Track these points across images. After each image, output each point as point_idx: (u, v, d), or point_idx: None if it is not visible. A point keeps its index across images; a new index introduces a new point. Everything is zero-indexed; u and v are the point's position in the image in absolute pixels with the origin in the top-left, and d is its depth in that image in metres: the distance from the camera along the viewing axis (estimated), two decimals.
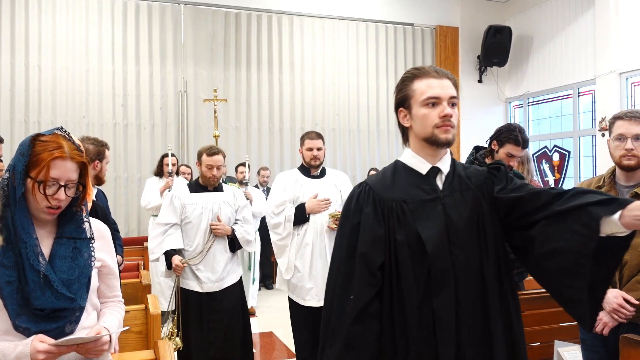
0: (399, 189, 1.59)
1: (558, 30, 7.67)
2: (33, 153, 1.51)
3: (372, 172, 7.49)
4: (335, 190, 3.60)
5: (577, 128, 7.55)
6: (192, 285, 3.45)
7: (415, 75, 1.60)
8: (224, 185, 3.71)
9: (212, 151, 3.51)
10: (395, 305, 1.52)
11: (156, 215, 5.40)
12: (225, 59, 7.49)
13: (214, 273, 3.45)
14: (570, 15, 7.49)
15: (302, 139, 3.69)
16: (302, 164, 3.70)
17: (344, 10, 8.02)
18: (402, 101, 1.62)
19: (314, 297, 3.41)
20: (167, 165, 5.37)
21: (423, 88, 1.56)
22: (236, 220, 3.60)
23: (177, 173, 5.81)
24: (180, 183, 5.59)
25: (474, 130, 8.23)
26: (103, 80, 6.94)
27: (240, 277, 3.67)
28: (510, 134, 2.94)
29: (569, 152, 7.67)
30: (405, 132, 1.65)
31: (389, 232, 1.54)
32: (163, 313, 5.17)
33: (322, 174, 3.67)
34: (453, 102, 1.57)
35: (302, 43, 7.87)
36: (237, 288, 3.60)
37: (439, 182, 1.60)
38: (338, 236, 1.63)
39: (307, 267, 3.44)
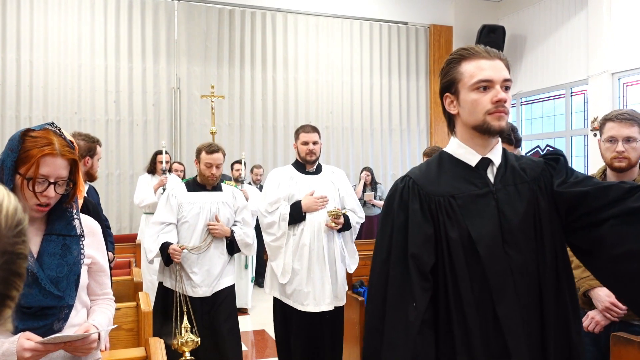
0: (445, 183, 1.43)
1: (551, 30, 7.69)
2: (23, 149, 1.48)
3: (365, 172, 7.49)
4: (332, 187, 3.43)
5: (570, 128, 7.59)
6: (185, 289, 3.27)
7: (463, 56, 1.44)
8: (223, 185, 3.54)
9: (212, 149, 3.34)
10: (453, 313, 1.36)
11: (149, 213, 5.41)
12: (218, 56, 7.46)
13: (209, 277, 3.28)
14: (564, 16, 7.51)
15: (297, 132, 3.49)
16: (296, 159, 3.51)
17: (338, 8, 8.01)
18: (448, 85, 1.45)
19: (312, 302, 3.22)
20: (161, 162, 5.31)
21: (472, 70, 1.40)
22: (235, 221, 3.43)
23: (170, 170, 5.77)
24: (173, 180, 5.57)
25: None
26: (95, 76, 6.89)
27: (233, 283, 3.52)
28: (503, 134, 2.94)
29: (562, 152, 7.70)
30: (451, 120, 1.50)
31: (439, 230, 1.39)
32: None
33: (318, 170, 3.48)
34: (507, 85, 1.41)
35: (296, 41, 7.85)
36: (229, 291, 3.44)
37: (490, 175, 1.44)
38: (379, 237, 1.46)
39: (305, 269, 3.24)
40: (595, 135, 6.72)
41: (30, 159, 1.47)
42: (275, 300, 3.39)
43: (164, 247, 3.21)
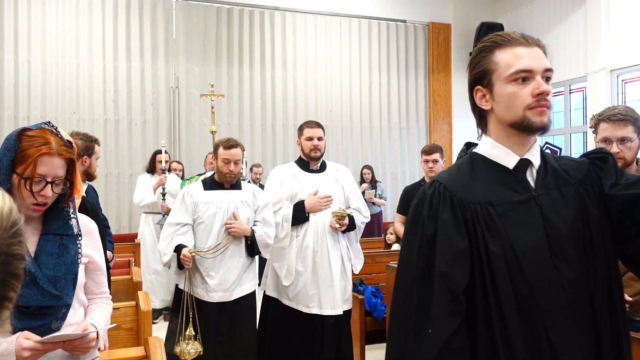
0: (480, 188, 1.25)
1: (549, 27, 7.69)
2: (19, 148, 1.48)
3: (366, 170, 7.49)
4: (337, 186, 3.29)
5: (569, 125, 7.59)
6: (200, 293, 3.02)
7: (497, 43, 1.26)
8: (242, 182, 3.28)
9: (230, 144, 3.12)
10: (498, 340, 1.17)
11: (149, 213, 5.40)
12: (217, 55, 7.45)
13: (226, 281, 3.03)
14: (562, 13, 7.51)
15: (301, 128, 3.34)
16: (299, 157, 3.35)
17: (337, 6, 8.00)
18: (480, 77, 1.28)
19: (317, 305, 3.11)
20: (160, 162, 5.30)
21: (509, 59, 1.23)
22: (255, 221, 3.18)
23: (170, 170, 5.76)
24: (172, 180, 5.57)
25: (466, 128, 8.25)
26: (94, 75, 6.88)
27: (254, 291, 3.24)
28: None
29: (560, 149, 7.71)
30: (482, 116, 1.32)
31: (475, 243, 1.21)
32: (154, 311, 5.16)
33: (322, 168, 3.34)
34: (547, 75, 1.24)
35: (294, 39, 7.84)
36: (251, 299, 3.16)
37: (530, 178, 1.27)
38: (405, 253, 1.28)
39: (309, 271, 3.12)
40: (594, 132, 6.71)
41: (28, 158, 1.47)
42: (267, 298, 3.29)
43: (178, 250, 2.99)
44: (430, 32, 8.53)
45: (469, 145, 3.35)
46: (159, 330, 5.04)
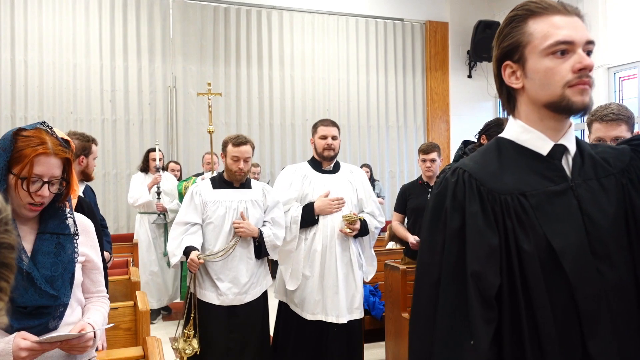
0: (511, 177, 1.09)
1: None
2: (15, 149, 1.48)
3: (365, 169, 7.49)
4: (350, 188, 3.15)
5: None
6: (209, 296, 2.91)
7: (532, 11, 1.09)
8: (252, 181, 3.18)
9: (239, 140, 2.98)
10: (528, 353, 1.02)
11: (144, 213, 5.38)
12: (214, 55, 7.44)
13: (236, 284, 2.92)
14: None
15: (315, 126, 3.21)
16: (312, 156, 3.23)
17: (334, 5, 8.00)
18: (510, 51, 1.12)
19: (322, 312, 2.99)
20: (155, 160, 5.24)
21: (546, 30, 1.07)
22: (264, 222, 3.06)
23: (164, 168, 5.71)
24: (167, 179, 5.53)
25: (463, 126, 8.26)
26: (91, 75, 6.87)
27: (266, 290, 3.13)
28: (499, 129, 2.95)
29: None
30: (511, 96, 1.16)
31: (506, 240, 1.05)
32: (152, 311, 5.15)
33: (336, 168, 3.21)
34: (589, 49, 1.08)
35: (291, 38, 7.83)
36: (262, 302, 3.06)
37: (566, 166, 1.12)
38: (426, 251, 1.11)
39: (317, 276, 3.00)
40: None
41: (24, 158, 1.47)
42: (281, 304, 3.19)
43: (188, 252, 2.88)
44: (428, 31, 8.53)
45: (467, 144, 3.37)
46: (157, 330, 5.04)
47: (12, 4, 6.55)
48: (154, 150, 5.32)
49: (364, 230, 3.10)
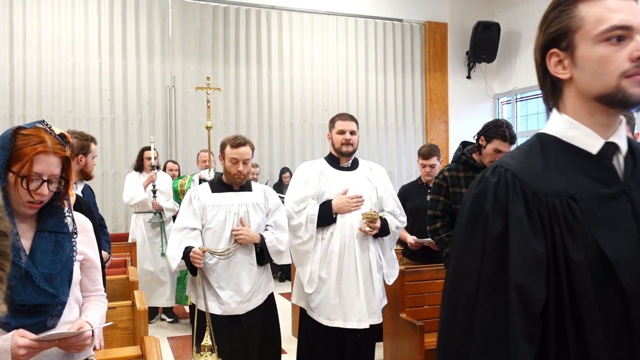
0: (557, 177, 0.98)
1: None
2: (15, 147, 1.48)
3: None
4: (369, 185, 3.00)
5: None
6: (211, 306, 2.75)
7: None
8: (253, 183, 3.03)
9: (237, 142, 2.85)
10: None
11: (139, 213, 5.31)
12: (213, 54, 7.44)
13: (239, 293, 2.77)
14: None
15: (332, 121, 3.06)
16: (329, 152, 3.09)
17: (333, 5, 8.00)
18: (557, 38, 1.01)
19: (340, 317, 2.82)
20: (149, 158, 5.17)
21: (600, 13, 0.96)
22: (266, 226, 2.92)
23: (159, 167, 5.57)
24: (163, 177, 5.46)
25: (462, 127, 8.27)
26: (89, 74, 6.86)
27: (272, 294, 2.99)
28: (497, 130, 2.95)
29: None
30: (556, 88, 1.05)
31: (553, 248, 0.95)
32: (150, 309, 5.14)
33: (354, 165, 3.06)
34: None
35: (291, 38, 7.84)
36: (268, 307, 2.93)
37: (617, 166, 1.01)
38: (461, 257, 1.00)
39: (334, 279, 2.83)
40: None
41: (24, 157, 1.47)
42: (302, 310, 3.02)
43: (187, 253, 2.73)
44: (427, 31, 8.54)
45: (465, 144, 3.37)
46: (155, 330, 5.04)
47: (10, 2, 6.54)
48: (148, 148, 5.25)
49: (384, 230, 2.94)
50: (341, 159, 3.02)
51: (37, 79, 6.65)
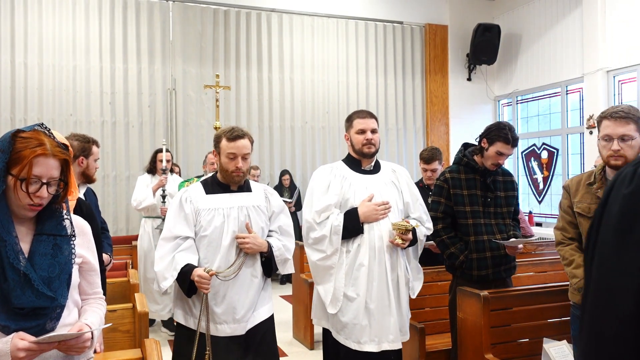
0: None
1: (546, 28, 7.71)
2: (14, 150, 1.49)
3: None
4: (394, 190, 2.70)
5: (565, 126, 7.60)
6: (203, 326, 2.34)
7: None
8: (252, 183, 2.64)
9: (235, 134, 2.43)
10: None
11: (148, 217, 5.09)
12: (214, 57, 7.45)
13: (237, 309, 2.38)
14: (558, 14, 7.53)
15: (350, 119, 2.74)
16: (348, 154, 2.77)
17: (333, 8, 8.01)
18: None
19: (373, 340, 2.49)
20: (161, 161, 4.97)
21: None
22: (270, 231, 2.56)
23: (172, 171, 5.37)
24: (173, 181, 5.19)
25: (463, 129, 8.27)
26: (90, 77, 6.88)
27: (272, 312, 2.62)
28: (500, 132, 2.95)
29: (558, 150, 7.72)
30: None
31: None
32: (151, 322, 5.04)
33: (377, 168, 2.77)
34: None
35: (291, 41, 7.84)
36: (268, 327, 2.54)
37: None
38: (612, 270, 0.81)
39: (362, 297, 2.50)
40: (591, 133, 6.74)
41: (23, 159, 1.47)
42: (326, 331, 2.69)
43: (186, 273, 2.30)
44: (427, 34, 8.55)
45: (466, 146, 3.37)
46: (156, 333, 5.03)
47: (12, 6, 6.56)
48: (161, 151, 5.04)
49: (413, 240, 2.65)
50: (363, 161, 2.73)
51: (39, 82, 6.66)
